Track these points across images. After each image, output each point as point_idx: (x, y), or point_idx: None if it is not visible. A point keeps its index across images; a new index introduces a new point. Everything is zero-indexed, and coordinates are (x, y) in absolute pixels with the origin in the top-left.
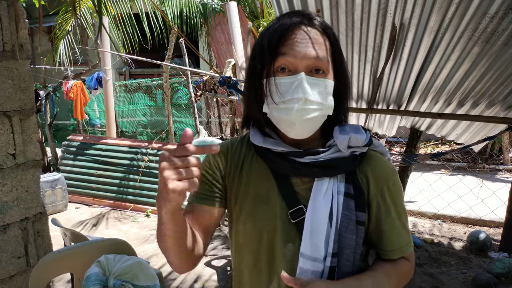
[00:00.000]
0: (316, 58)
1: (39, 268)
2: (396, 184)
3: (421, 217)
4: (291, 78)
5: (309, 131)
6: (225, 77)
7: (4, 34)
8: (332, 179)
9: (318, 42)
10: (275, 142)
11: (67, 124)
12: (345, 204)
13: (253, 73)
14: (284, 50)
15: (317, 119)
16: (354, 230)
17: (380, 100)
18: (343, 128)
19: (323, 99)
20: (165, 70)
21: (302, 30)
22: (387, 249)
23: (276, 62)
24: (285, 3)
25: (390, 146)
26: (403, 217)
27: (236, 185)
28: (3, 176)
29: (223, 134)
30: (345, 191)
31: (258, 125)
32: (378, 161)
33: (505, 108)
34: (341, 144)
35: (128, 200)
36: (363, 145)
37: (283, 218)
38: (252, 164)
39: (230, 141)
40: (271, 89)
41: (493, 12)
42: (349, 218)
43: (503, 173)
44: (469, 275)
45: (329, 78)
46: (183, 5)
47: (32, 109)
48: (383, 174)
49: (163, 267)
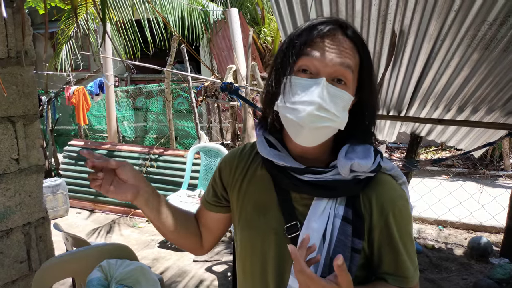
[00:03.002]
0: (341, 67)
1: (41, 272)
2: (403, 211)
3: (422, 222)
4: (311, 80)
5: (316, 140)
6: (226, 83)
7: (9, 40)
8: (332, 200)
9: (347, 53)
10: (278, 155)
11: (68, 129)
12: (341, 228)
13: (275, 70)
14: (309, 52)
15: (326, 130)
16: (348, 257)
17: (381, 106)
18: (352, 149)
19: (338, 111)
20: (167, 76)
21: (334, 37)
22: (387, 275)
23: (299, 61)
24: (286, 10)
25: (391, 152)
26: (408, 246)
27: (238, 192)
28: (7, 181)
29: (224, 139)
30: (343, 215)
31: (267, 132)
32: (386, 185)
33: (504, 114)
34: (342, 169)
35: (129, 205)
36: (369, 171)
37: (279, 231)
38: (256, 173)
39: (240, 148)
40: (286, 87)
41: (492, 19)
42: (344, 244)
43: (503, 179)
44: (470, 281)
45: (349, 92)
46: (184, 11)
47: (35, 115)
48: (389, 200)
49: (164, 272)
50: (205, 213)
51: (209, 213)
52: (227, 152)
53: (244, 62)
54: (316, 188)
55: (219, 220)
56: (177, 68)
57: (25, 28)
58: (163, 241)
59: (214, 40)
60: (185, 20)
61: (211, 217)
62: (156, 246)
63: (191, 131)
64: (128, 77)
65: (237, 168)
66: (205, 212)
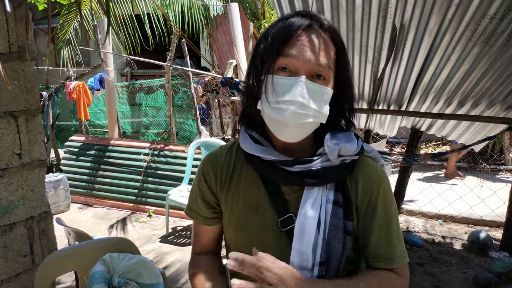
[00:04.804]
0: (319, 64)
1: (44, 266)
2: (387, 190)
3: (422, 217)
4: (291, 79)
5: (300, 135)
6: (227, 78)
7: (11, 35)
8: (322, 187)
9: (324, 48)
10: (265, 150)
11: (69, 125)
12: (333, 212)
13: (254, 68)
14: (288, 51)
15: (309, 125)
16: (341, 239)
17: (381, 101)
18: (334, 135)
19: (319, 107)
20: (167, 71)
21: (310, 33)
22: (373, 255)
23: (278, 61)
24: (287, 4)
25: (391, 147)
26: (394, 226)
27: (226, 194)
28: (9, 176)
29: (224, 134)
30: (334, 200)
31: (249, 128)
32: (368, 166)
33: (505, 108)
34: (331, 154)
35: (130, 200)
36: (354, 153)
37: (273, 226)
38: (242, 172)
39: (219, 151)
40: (268, 87)
41: (492, 13)
42: (337, 226)
43: (503, 173)
44: (469, 274)
45: (329, 86)
46: (184, 6)
47: (37, 110)
48: (372, 179)
49: (167, 267)
50: (210, 230)
51: (214, 227)
52: (204, 159)
53: (245, 57)
54: (306, 177)
55: (205, 231)
56: (177, 63)
57: (28, 23)
58: (164, 236)
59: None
60: (185, 14)
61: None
62: (158, 241)
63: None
64: (129, 72)
65: (222, 171)
66: (210, 229)
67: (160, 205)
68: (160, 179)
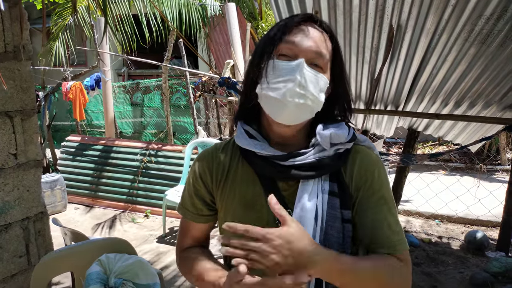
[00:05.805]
0: (318, 53)
1: (40, 267)
2: (382, 174)
3: (419, 217)
4: (291, 62)
5: (296, 118)
6: (224, 78)
7: (6, 35)
8: (317, 179)
9: (322, 40)
10: (259, 145)
11: (66, 125)
12: (329, 202)
13: (257, 56)
14: (288, 38)
15: (306, 109)
16: (340, 228)
17: (378, 101)
18: (326, 126)
19: (315, 91)
20: (164, 71)
21: (310, 27)
22: (374, 243)
23: (279, 47)
24: (284, 4)
25: (388, 147)
26: (390, 205)
27: (222, 191)
28: (5, 176)
29: (221, 134)
30: (329, 190)
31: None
32: (362, 153)
33: (501, 109)
34: (323, 140)
35: (127, 200)
36: (346, 141)
37: (270, 222)
38: (238, 168)
39: (214, 148)
40: (268, 70)
41: (489, 14)
42: (334, 216)
43: (500, 173)
44: (466, 274)
45: (325, 76)
46: (182, 5)
47: (33, 110)
48: (366, 164)
49: (163, 267)
50: (201, 227)
51: (205, 225)
52: (199, 156)
53: (242, 57)
54: (301, 170)
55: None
56: (175, 63)
57: (23, 22)
58: (161, 236)
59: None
60: (183, 14)
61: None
62: (155, 241)
63: (189, 126)
64: (126, 72)
65: (217, 168)
66: (204, 226)
67: (157, 205)
68: (157, 179)
